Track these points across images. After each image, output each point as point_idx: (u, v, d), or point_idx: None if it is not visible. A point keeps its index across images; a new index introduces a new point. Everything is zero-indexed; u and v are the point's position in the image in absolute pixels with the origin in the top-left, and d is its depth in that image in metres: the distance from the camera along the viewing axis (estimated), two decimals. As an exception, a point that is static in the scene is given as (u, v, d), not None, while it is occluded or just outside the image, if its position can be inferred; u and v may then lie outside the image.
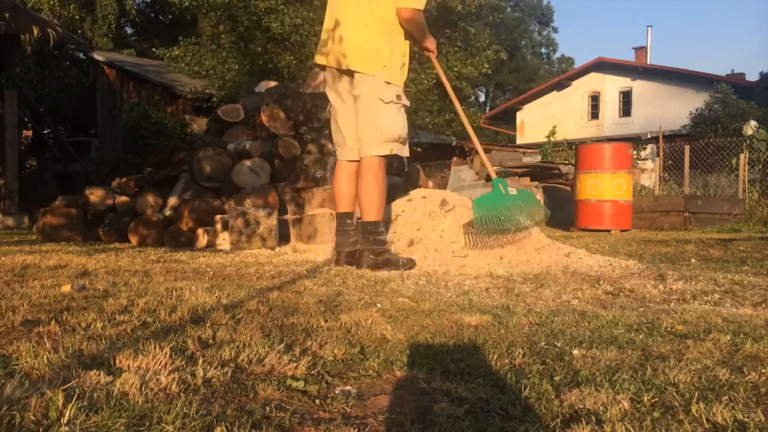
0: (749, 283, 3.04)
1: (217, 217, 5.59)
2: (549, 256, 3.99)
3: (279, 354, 1.59)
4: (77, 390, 1.25)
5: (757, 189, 10.89)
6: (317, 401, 1.30)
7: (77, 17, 18.41)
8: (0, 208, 10.46)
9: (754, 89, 20.03)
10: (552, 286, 2.98)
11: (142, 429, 1.12)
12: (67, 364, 1.48)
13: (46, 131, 16.09)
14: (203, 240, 5.62)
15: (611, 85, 25.86)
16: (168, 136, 11.22)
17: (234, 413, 1.20)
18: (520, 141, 26.11)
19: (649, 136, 20.23)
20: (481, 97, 38.49)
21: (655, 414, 1.23)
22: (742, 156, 10.91)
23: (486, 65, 14.73)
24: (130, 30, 26.44)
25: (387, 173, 6.87)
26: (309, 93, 6.72)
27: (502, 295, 2.73)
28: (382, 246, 3.71)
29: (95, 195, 6.73)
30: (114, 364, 1.50)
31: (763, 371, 1.51)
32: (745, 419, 1.20)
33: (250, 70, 14.47)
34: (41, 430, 1.10)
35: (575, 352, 1.70)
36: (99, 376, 1.37)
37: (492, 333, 1.94)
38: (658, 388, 1.38)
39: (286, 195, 6.07)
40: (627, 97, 25.54)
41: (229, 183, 6.16)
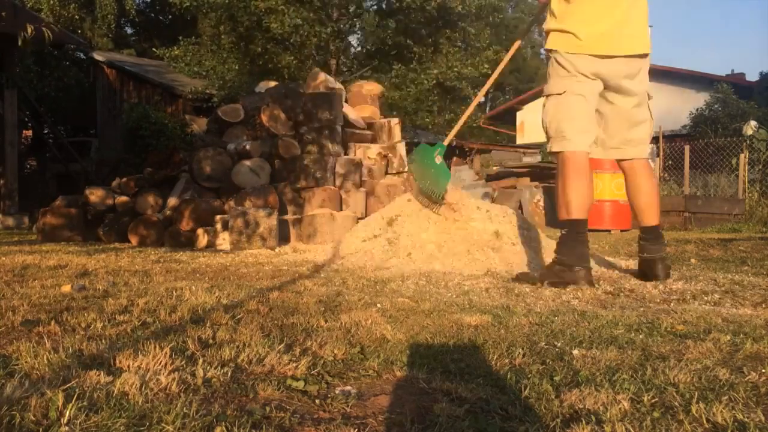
0: (749, 283, 3.04)
1: (217, 217, 5.59)
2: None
3: (279, 354, 1.59)
4: (77, 390, 1.25)
5: (757, 189, 10.87)
6: (317, 401, 1.30)
7: (77, 17, 18.43)
8: (0, 208, 10.46)
9: (754, 89, 20.01)
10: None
11: (142, 429, 1.12)
12: (67, 364, 1.48)
13: (46, 131, 16.08)
14: (203, 240, 5.62)
15: (611, 85, 25.75)
16: (168, 136, 11.21)
17: (234, 413, 1.20)
18: (520, 141, 26.08)
19: (649, 136, 20.14)
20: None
21: (655, 414, 1.23)
22: (742, 156, 10.90)
23: (486, 65, 14.72)
24: (130, 30, 26.44)
25: (385, 173, 6.88)
26: (309, 93, 6.73)
27: (502, 295, 2.73)
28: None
29: (95, 195, 6.74)
30: (114, 364, 1.50)
31: (763, 371, 1.51)
32: (745, 419, 1.20)
33: (250, 70, 14.48)
34: (41, 430, 1.10)
35: (575, 352, 1.70)
36: (99, 376, 1.37)
37: (492, 333, 1.94)
38: (658, 388, 1.38)
39: (286, 195, 6.07)
40: (627, 97, 25.44)
41: (229, 183, 6.16)
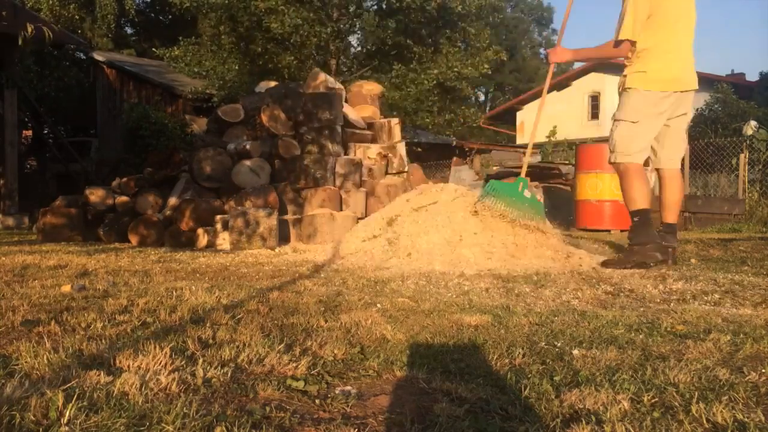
0: (749, 283, 3.04)
1: (217, 217, 5.59)
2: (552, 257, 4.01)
3: (279, 354, 1.59)
4: (77, 390, 1.25)
5: (757, 189, 10.85)
6: (317, 401, 1.30)
7: (77, 17, 18.42)
8: (0, 208, 10.46)
9: (754, 89, 20.00)
10: (552, 286, 2.98)
11: (142, 429, 1.12)
12: (67, 364, 1.48)
13: (46, 131, 16.07)
14: (203, 240, 5.62)
15: (611, 86, 25.69)
16: (168, 136, 11.21)
17: (234, 413, 1.20)
18: (520, 141, 26.07)
19: (649, 136, 20.15)
20: (481, 97, 38.49)
21: (655, 414, 1.23)
22: (742, 156, 10.88)
23: (486, 65, 14.71)
24: (130, 30, 26.42)
25: (385, 173, 6.89)
26: (309, 93, 6.73)
27: (502, 295, 2.73)
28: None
29: (95, 195, 6.74)
30: (114, 364, 1.50)
31: (763, 371, 1.51)
32: (745, 419, 1.20)
33: (250, 70, 14.47)
34: (41, 430, 1.10)
35: (575, 352, 1.70)
36: (99, 376, 1.37)
37: (492, 333, 1.94)
38: (658, 388, 1.38)
39: (286, 195, 6.07)
40: (627, 98, 25.47)
41: (229, 183, 6.16)
